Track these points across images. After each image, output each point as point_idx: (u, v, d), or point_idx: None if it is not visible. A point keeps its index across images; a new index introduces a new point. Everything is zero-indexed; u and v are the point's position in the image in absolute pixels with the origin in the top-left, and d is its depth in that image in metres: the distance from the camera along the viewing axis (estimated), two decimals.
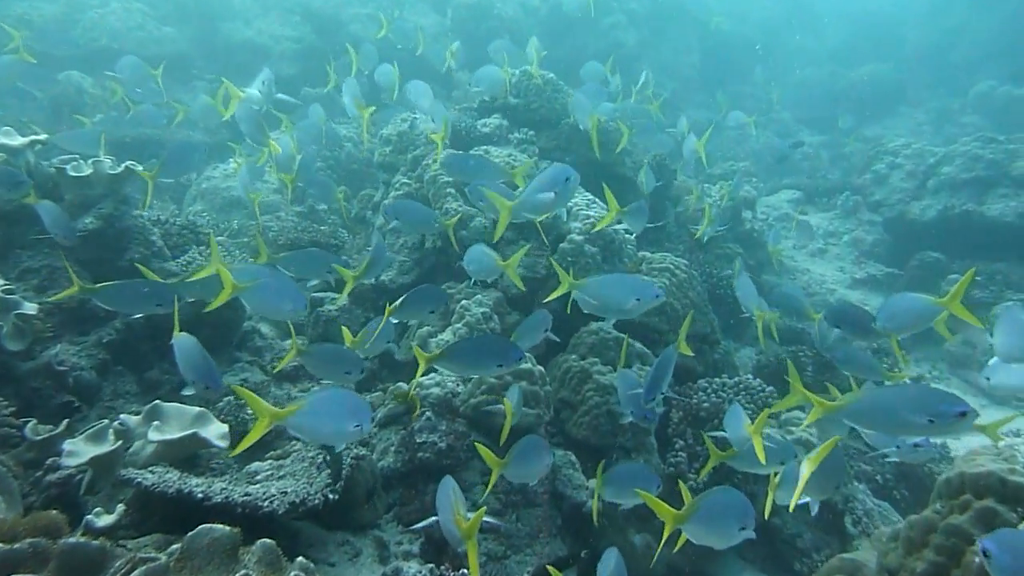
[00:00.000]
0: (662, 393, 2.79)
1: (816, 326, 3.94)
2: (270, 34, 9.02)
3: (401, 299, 3.14)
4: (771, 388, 3.97)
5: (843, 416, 2.11)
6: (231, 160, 6.54)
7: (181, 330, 2.72)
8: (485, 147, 4.76)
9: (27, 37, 5.91)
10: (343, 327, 3.36)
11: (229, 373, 3.77)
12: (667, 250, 6.45)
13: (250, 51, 8.97)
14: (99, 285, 2.91)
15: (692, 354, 3.34)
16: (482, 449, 2.64)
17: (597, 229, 4.06)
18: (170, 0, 8.91)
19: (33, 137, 3.56)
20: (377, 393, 3.95)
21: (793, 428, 3.78)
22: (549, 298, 3.28)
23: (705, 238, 5.59)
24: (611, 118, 5.38)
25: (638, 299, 3.01)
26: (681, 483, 2.47)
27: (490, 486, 2.73)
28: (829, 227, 7.22)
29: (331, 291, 4.43)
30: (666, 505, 2.23)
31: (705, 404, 3.80)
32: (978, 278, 6.08)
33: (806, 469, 2.12)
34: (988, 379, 3.01)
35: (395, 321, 3.31)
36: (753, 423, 2.69)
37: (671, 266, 4.41)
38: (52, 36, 6.89)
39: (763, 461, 2.87)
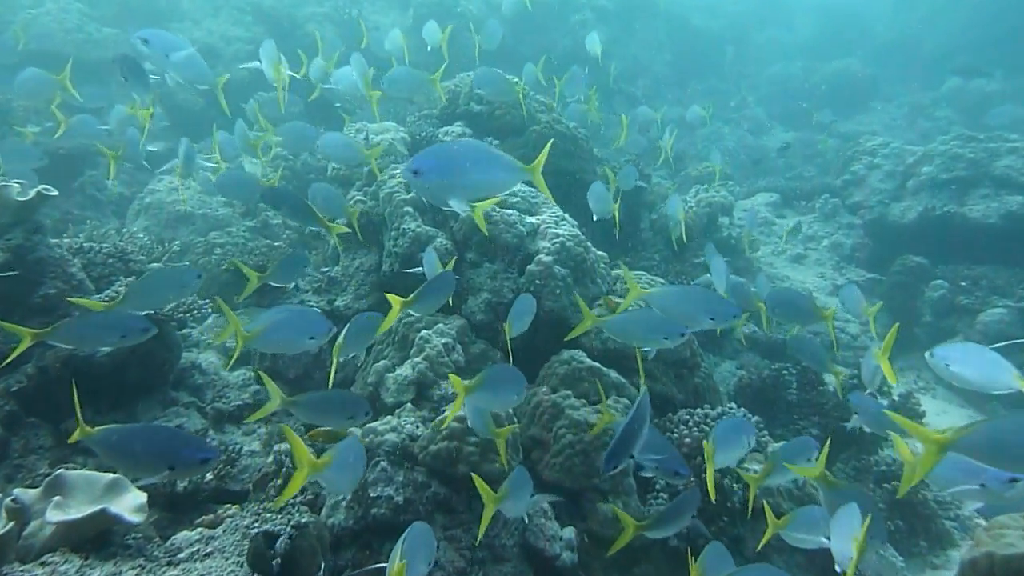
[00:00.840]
0: (631, 456, 2.44)
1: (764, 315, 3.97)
2: (221, 35, 8.55)
3: (420, 290, 2.76)
4: (757, 418, 3.69)
5: (957, 449, 1.78)
6: (175, 171, 6.10)
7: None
8: None
9: None
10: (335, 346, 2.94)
11: (162, 419, 3.39)
12: (642, 259, 6.19)
13: (201, 54, 8.49)
14: (52, 327, 2.49)
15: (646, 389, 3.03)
16: (480, 483, 2.43)
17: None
18: (112, 0, 8.41)
19: None
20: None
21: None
22: (620, 308, 2.92)
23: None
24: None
25: (712, 318, 2.70)
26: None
27: (484, 525, 2.45)
28: (808, 231, 6.98)
29: None
30: None
31: (687, 439, 3.50)
32: (963, 283, 5.89)
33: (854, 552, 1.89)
34: (947, 365, 2.58)
35: (415, 315, 3.04)
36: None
37: (647, 285, 4.10)
38: None
39: (713, 497, 2.59)
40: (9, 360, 2.58)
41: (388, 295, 2.68)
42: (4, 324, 2.57)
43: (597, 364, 3.75)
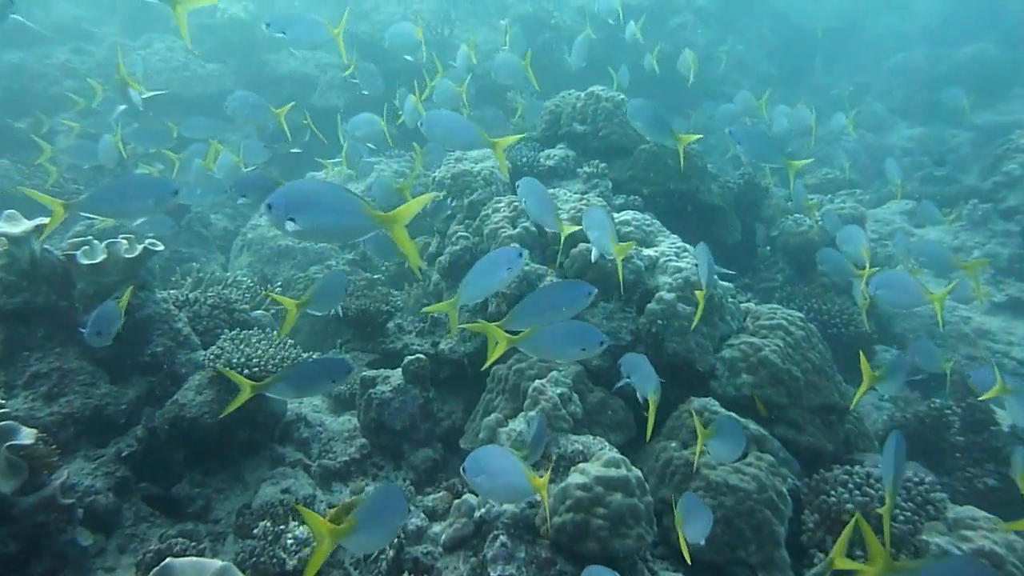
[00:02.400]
0: None
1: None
2: (316, 63, 8.63)
3: None
4: (931, 478, 3.15)
5: None
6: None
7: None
8: (553, 190, 4.08)
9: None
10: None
11: (269, 482, 3.22)
12: (763, 281, 5.66)
13: (296, 82, 8.59)
14: (268, 379, 2.57)
15: None
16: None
17: None
18: (214, 35, 8.63)
19: (39, 222, 3.10)
20: (442, 493, 3.34)
21: (969, 533, 2.94)
22: None
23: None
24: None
25: None
26: None
27: None
28: (954, 242, 6.21)
29: (384, 367, 3.84)
30: None
31: (848, 505, 3.01)
32: None
33: None
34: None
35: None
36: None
37: (784, 322, 3.63)
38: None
39: None
40: (232, 408, 2.67)
41: None
42: (229, 373, 2.69)
43: (732, 414, 3.33)
